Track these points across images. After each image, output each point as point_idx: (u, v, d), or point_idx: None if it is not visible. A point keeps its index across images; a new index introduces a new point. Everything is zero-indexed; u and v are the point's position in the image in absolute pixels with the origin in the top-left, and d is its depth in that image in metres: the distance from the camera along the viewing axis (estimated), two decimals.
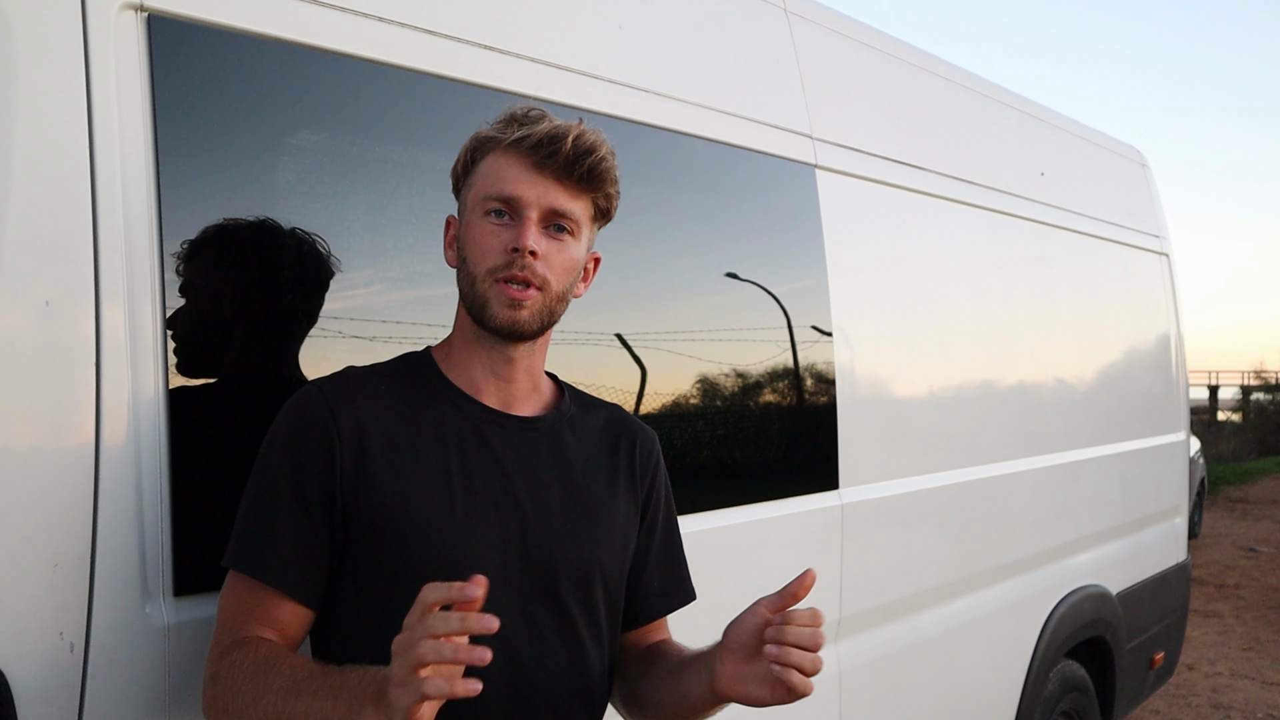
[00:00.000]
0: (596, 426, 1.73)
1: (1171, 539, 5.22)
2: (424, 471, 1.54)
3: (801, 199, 2.86)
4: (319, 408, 1.53)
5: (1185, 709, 6.64)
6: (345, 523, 1.52)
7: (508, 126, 1.55)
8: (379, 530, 1.51)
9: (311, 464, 1.50)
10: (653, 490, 1.77)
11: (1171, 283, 5.24)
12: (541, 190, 1.53)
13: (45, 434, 1.45)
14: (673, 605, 1.81)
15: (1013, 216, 3.85)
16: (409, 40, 1.94)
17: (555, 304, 1.58)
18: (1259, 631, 8.57)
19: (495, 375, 1.62)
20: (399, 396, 1.59)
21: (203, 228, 1.65)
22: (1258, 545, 12.52)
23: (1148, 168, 5.25)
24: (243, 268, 1.75)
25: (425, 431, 1.57)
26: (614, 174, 1.59)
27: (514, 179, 1.53)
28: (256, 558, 1.49)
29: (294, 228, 1.78)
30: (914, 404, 3.30)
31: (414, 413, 1.58)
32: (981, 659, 3.59)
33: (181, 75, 1.64)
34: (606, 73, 2.33)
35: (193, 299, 1.64)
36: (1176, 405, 5.25)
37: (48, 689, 1.43)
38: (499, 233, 1.53)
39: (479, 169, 1.57)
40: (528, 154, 1.53)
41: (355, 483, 1.51)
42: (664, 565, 1.80)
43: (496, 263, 1.52)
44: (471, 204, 1.57)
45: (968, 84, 3.84)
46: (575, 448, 1.67)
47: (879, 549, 3.05)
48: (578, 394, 1.77)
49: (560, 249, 1.56)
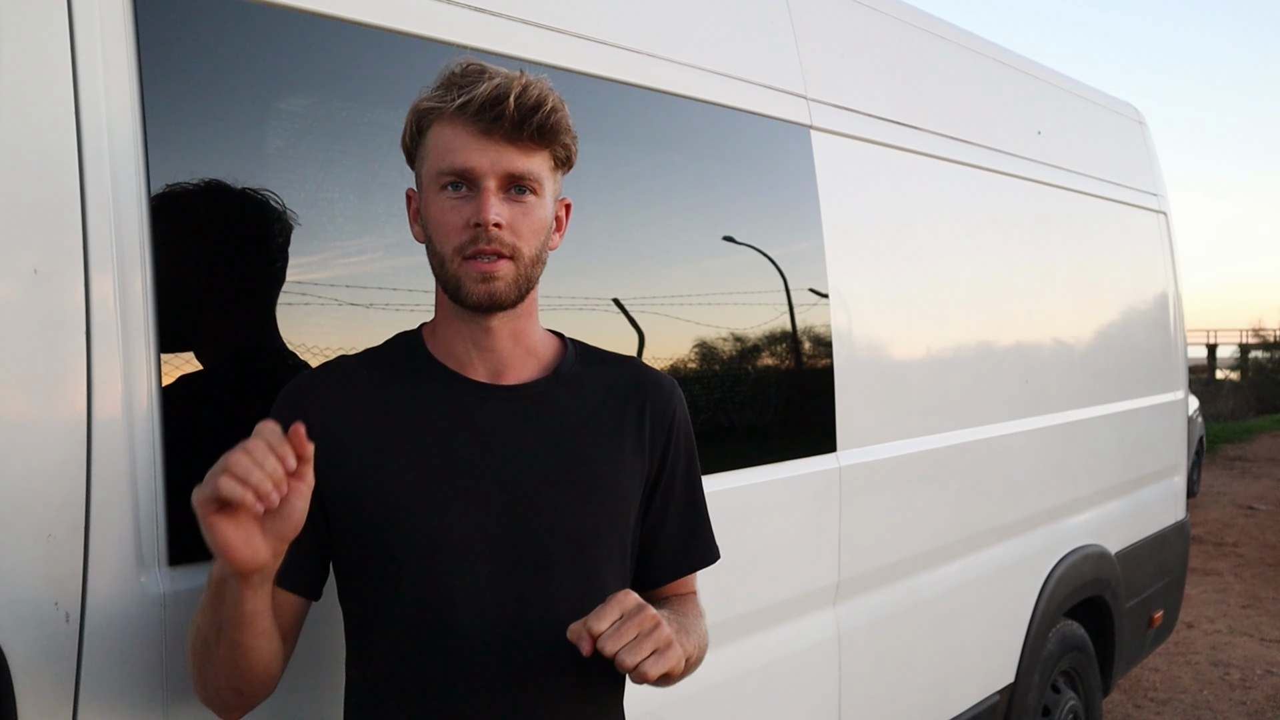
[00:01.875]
0: (602, 385, 1.67)
1: (1170, 498, 5.23)
2: (399, 453, 1.52)
3: (797, 160, 2.84)
4: (289, 406, 1.53)
5: (1184, 666, 6.68)
6: (328, 512, 1.53)
7: (448, 93, 1.49)
8: (354, 514, 1.52)
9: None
10: (669, 446, 1.70)
11: (1169, 241, 5.22)
12: (494, 156, 1.48)
13: (36, 404, 1.44)
14: (694, 564, 1.76)
15: (1010, 176, 3.83)
16: (398, 3, 1.92)
17: (530, 268, 1.54)
18: (1258, 589, 8.61)
19: (478, 347, 1.59)
20: (382, 382, 1.58)
21: (191, 194, 1.64)
22: (1256, 503, 12.57)
23: (1145, 125, 5.22)
24: (232, 234, 1.73)
25: (406, 414, 1.56)
26: (567, 123, 1.53)
27: (464, 149, 1.48)
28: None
29: (284, 194, 1.76)
30: (912, 366, 3.30)
31: (396, 397, 1.57)
32: (981, 620, 3.60)
33: (168, 39, 1.61)
34: (598, 34, 2.30)
35: (183, 266, 1.63)
36: (1175, 364, 5.25)
37: (44, 660, 1.42)
38: (459, 207, 1.49)
39: (427, 141, 1.52)
40: (473, 120, 1.47)
41: (330, 472, 1.50)
42: (684, 523, 1.74)
43: (461, 240, 1.49)
44: (426, 179, 1.53)
45: (964, 43, 3.81)
46: (573, 410, 1.63)
47: (878, 511, 3.05)
48: (587, 351, 1.72)
49: (525, 211, 1.51)
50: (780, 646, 2.72)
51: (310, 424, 1.46)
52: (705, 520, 1.78)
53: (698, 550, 1.77)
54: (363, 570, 1.54)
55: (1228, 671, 6.59)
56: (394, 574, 1.52)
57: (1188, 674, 6.56)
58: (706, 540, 1.78)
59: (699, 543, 1.77)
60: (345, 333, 1.82)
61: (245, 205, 1.72)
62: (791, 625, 2.77)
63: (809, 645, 2.83)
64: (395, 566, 1.52)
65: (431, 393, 1.57)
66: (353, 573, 1.56)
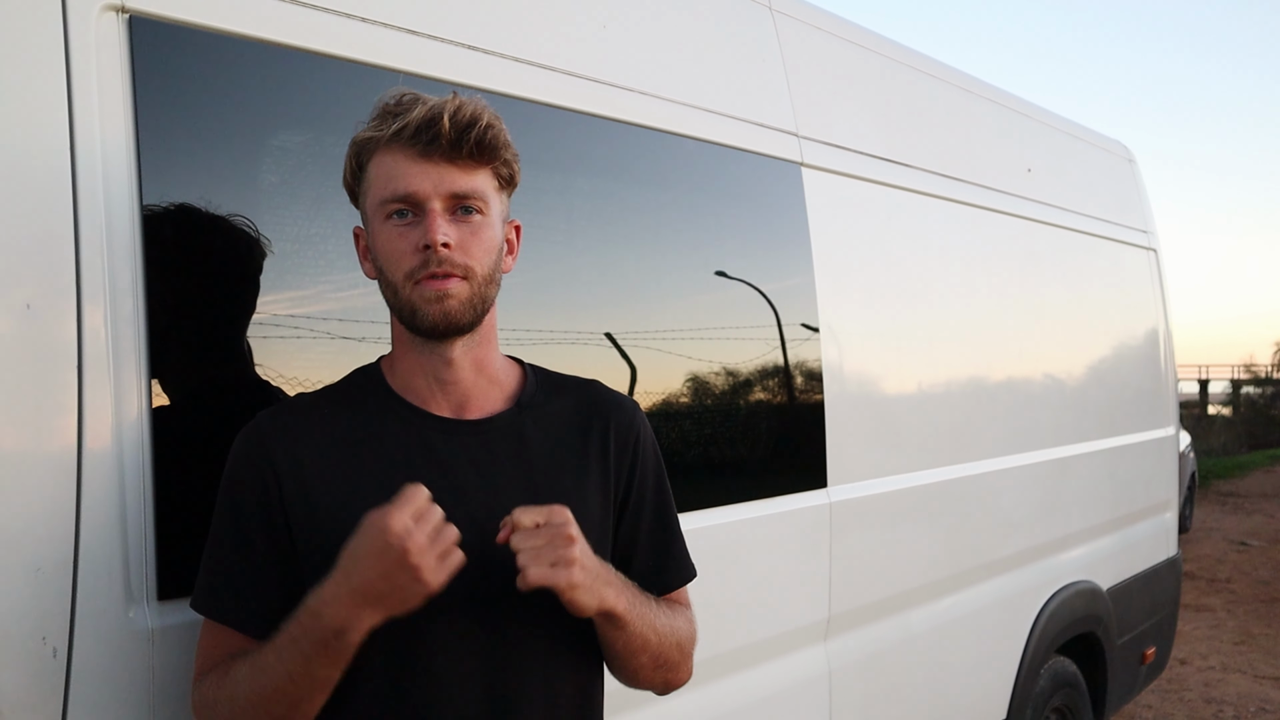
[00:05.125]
0: (564, 412, 1.65)
1: (1162, 534, 5.23)
2: (367, 494, 1.45)
3: (788, 197, 2.86)
4: (253, 447, 1.52)
5: (1177, 704, 6.66)
6: (297, 553, 1.51)
7: (383, 122, 1.49)
8: (326, 555, 1.43)
9: (250, 504, 1.51)
10: (635, 469, 1.68)
11: (1160, 277, 5.25)
12: (436, 178, 1.47)
13: (27, 437, 1.45)
14: (670, 584, 1.72)
15: (1000, 213, 3.85)
16: (391, 40, 1.93)
17: (484, 287, 1.52)
18: (1251, 625, 8.59)
19: (439, 380, 1.56)
20: (343, 419, 1.56)
21: (185, 229, 1.65)
22: (1249, 539, 12.55)
23: (1134, 163, 5.26)
24: (225, 269, 1.74)
25: (369, 452, 1.53)
26: (504, 138, 1.52)
27: (404, 174, 1.47)
28: (214, 600, 1.51)
29: (277, 228, 1.77)
30: (902, 401, 3.31)
31: (358, 434, 1.54)
32: (972, 656, 3.59)
33: (163, 77, 1.63)
34: (591, 72, 2.32)
35: (175, 301, 1.63)
36: (1166, 400, 5.27)
37: (30, 694, 1.42)
38: (406, 234, 1.48)
39: (368, 174, 1.51)
40: (409, 144, 1.46)
41: (300, 513, 1.50)
42: (657, 543, 1.71)
43: (412, 264, 1.47)
44: (371, 211, 1.51)
45: (954, 81, 3.85)
46: (539, 441, 1.61)
47: (868, 547, 3.04)
48: (548, 378, 1.70)
49: (473, 230, 1.50)
50: (771, 682, 2.71)
51: (277, 465, 1.49)
52: (679, 539, 1.76)
53: (673, 570, 1.74)
54: None
55: (1221, 709, 6.56)
56: None
57: (1181, 711, 6.53)
58: (681, 559, 1.75)
59: (674, 563, 1.74)
60: (337, 366, 1.82)
61: (238, 240, 1.73)
62: (782, 661, 2.76)
63: (800, 681, 2.82)
64: None
65: (395, 432, 1.55)
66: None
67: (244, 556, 1.50)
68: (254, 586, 1.50)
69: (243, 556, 1.50)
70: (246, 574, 1.50)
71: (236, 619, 1.50)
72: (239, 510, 1.51)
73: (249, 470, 1.51)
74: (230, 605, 1.50)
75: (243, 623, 1.50)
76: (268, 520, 1.50)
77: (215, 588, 1.51)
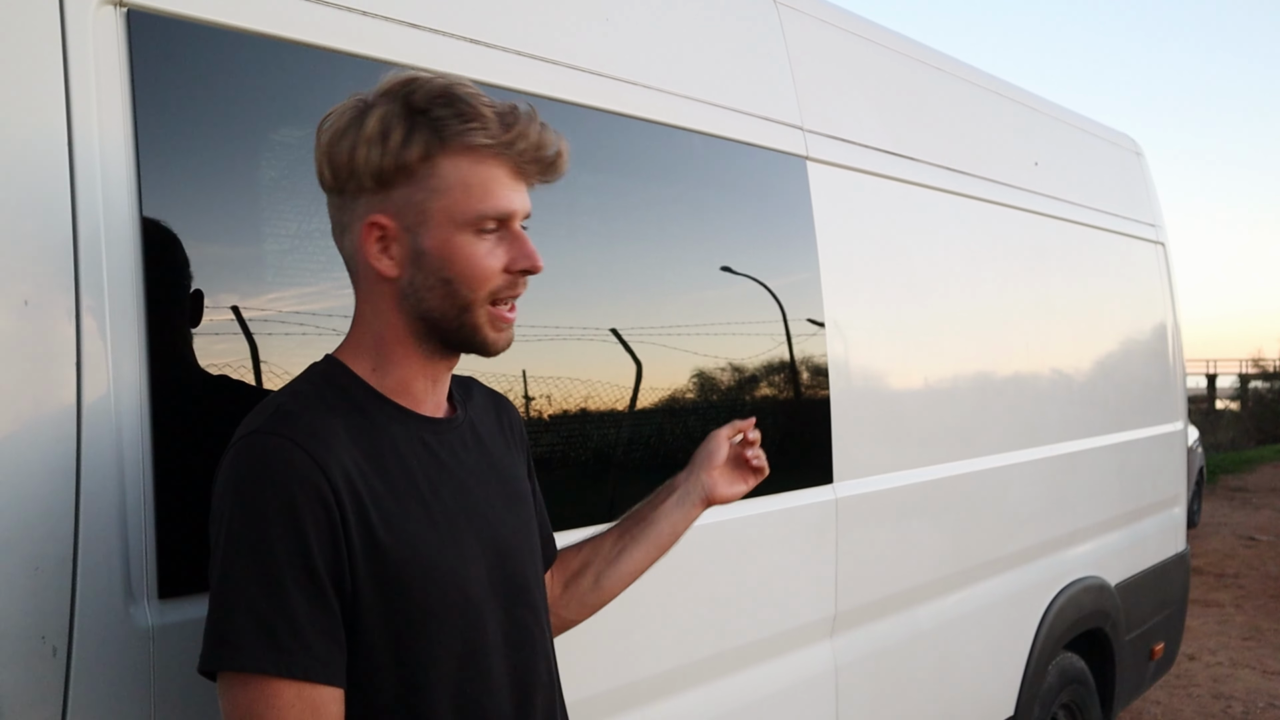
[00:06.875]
0: (484, 407, 1.67)
1: (1170, 529, 5.21)
2: (406, 506, 1.41)
3: (793, 191, 2.85)
4: (306, 466, 1.33)
5: (1186, 699, 6.64)
6: (355, 584, 1.36)
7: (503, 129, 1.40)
8: (388, 578, 1.37)
9: (320, 535, 1.32)
10: (528, 453, 1.76)
11: (1167, 271, 5.22)
12: (523, 198, 1.45)
13: (25, 435, 1.43)
14: (552, 556, 1.82)
15: (1007, 207, 3.84)
16: (393, 34, 1.92)
17: None
18: (1259, 620, 8.57)
19: (434, 384, 1.53)
20: (352, 428, 1.42)
21: (184, 225, 1.63)
22: (1257, 534, 12.52)
23: (1142, 156, 5.24)
24: (225, 265, 1.73)
25: (389, 463, 1.43)
26: None
27: (508, 192, 1.42)
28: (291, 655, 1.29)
29: (277, 224, 1.76)
30: (909, 396, 3.29)
31: (372, 444, 1.43)
32: (979, 652, 3.58)
33: (161, 71, 1.61)
34: (594, 66, 2.31)
35: (175, 297, 1.62)
36: (1174, 394, 5.24)
37: (30, 693, 1.41)
38: (495, 251, 1.43)
39: (441, 171, 1.40)
40: (514, 160, 1.41)
41: (361, 540, 1.36)
42: (543, 520, 1.77)
43: (497, 285, 1.44)
44: (447, 215, 1.41)
45: (960, 74, 3.83)
46: (486, 434, 1.62)
47: (874, 543, 3.03)
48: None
49: None
50: (777, 679, 2.70)
51: (335, 487, 1.34)
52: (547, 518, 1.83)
53: (553, 545, 1.83)
54: (396, 639, 1.39)
55: (1230, 704, 6.54)
56: (434, 634, 1.41)
57: (1189, 707, 6.51)
58: (551, 535, 1.82)
59: (551, 538, 1.82)
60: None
61: (237, 236, 1.72)
62: (788, 658, 2.75)
63: (806, 678, 2.81)
64: (436, 626, 1.41)
65: (402, 435, 1.47)
66: (377, 644, 1.38)
67: (320, 597, 1.32)
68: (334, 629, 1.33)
69: (318, 597, 1.32)
70: (327, 616, 1.33)
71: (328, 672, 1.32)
72: (306, 543, 1.31)
73: (310, 494, 1.32)
74: (323, 656, 1.31)
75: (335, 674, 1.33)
76: (337, 552, 1.34)
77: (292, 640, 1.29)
